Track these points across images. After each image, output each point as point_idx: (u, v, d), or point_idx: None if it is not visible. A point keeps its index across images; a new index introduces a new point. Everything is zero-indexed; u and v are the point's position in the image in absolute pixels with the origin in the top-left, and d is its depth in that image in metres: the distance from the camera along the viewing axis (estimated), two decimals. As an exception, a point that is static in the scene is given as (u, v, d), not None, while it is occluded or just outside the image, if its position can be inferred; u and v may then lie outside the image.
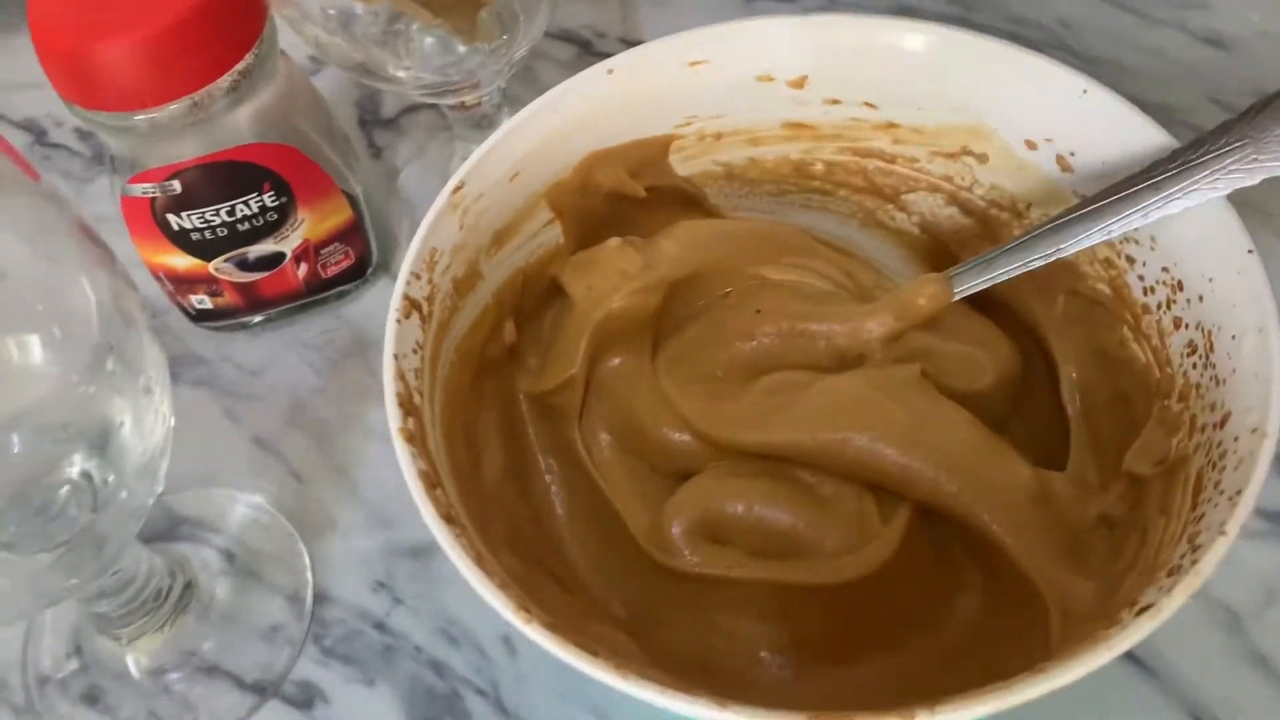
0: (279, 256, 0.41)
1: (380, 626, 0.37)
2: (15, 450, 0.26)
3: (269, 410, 0.42)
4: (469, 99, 0.42)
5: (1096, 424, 0.32)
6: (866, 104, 0.34)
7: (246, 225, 0.39)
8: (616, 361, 0.33)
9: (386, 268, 0.45)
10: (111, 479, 0.27)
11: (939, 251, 0.36)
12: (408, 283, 0.29)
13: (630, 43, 0.51)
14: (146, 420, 0.28)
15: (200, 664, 0.36)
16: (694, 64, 0.34)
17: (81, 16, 0.33)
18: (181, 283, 0.41)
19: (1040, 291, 0.33)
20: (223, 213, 0.38)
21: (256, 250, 0.40)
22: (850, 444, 0.31)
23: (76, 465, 0.27)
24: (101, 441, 0.27)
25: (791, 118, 0.35)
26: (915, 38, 0.32)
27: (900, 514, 0.31)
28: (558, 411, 0.34)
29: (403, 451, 0.26)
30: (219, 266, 0.40)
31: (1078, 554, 0.29)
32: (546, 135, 0.33)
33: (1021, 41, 0.32)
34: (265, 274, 0.41)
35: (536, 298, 0.35)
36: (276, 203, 0.39)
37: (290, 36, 0.39)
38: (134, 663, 0.36)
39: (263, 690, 0.36)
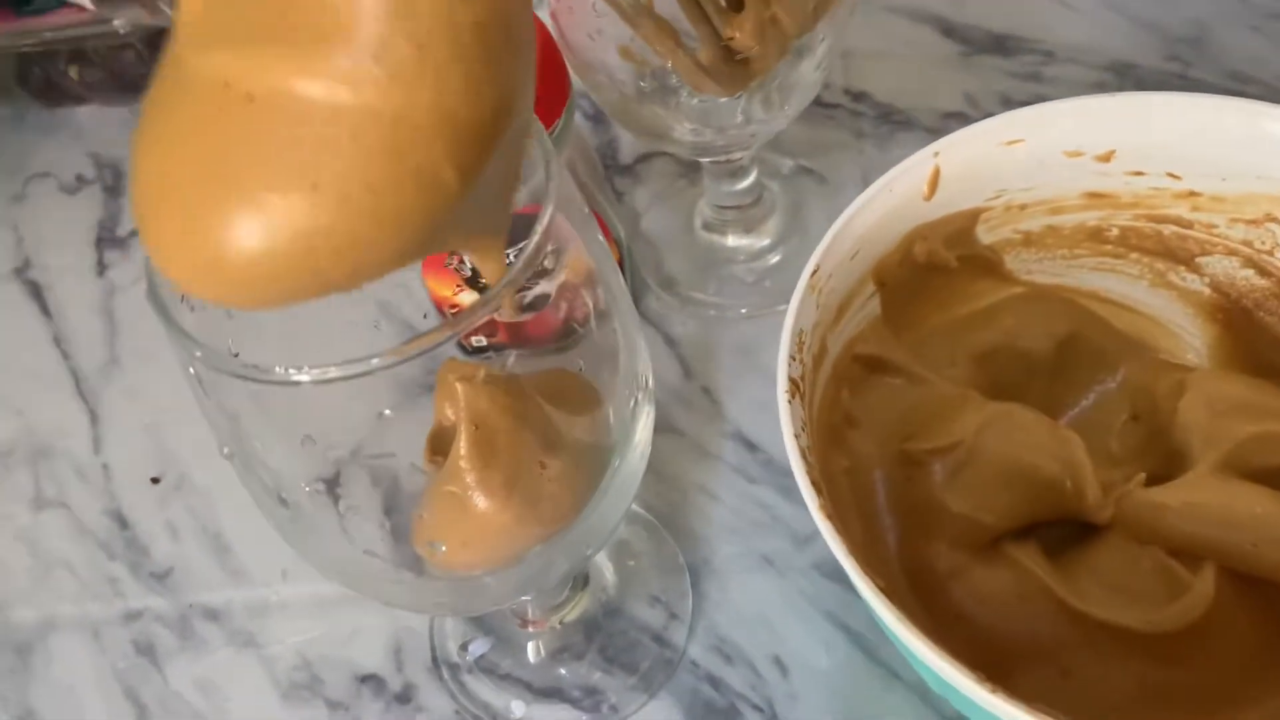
0: (546, 298, 0.43)
1: (658, 639, 0.39)
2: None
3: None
4: (735, 155, 0.44)
5: None
6: (1170, 174, 0.36)
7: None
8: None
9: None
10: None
11: (1230, 309, 0.38)
12: (788, 364, 0.31)
13: (852, 92, 0.53)
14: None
15: (593, 655, 0.39)
16: (1010, 143, 0.35)
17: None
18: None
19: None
20: (510, 255, 0.40)
21: (532, 292, 0.42)
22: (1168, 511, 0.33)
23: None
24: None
25: (1093, 188, 0.37)
26: (1232, 116, 0.34)
27: (1206, 568, 0.33)
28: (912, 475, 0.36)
29: (827, 530, 0.28)
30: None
31: None
32: (882, 215, 0.35)
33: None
34: (534, 314, 0.43)
35: (862, 367, 0.37)
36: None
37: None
38: (534, 649, 0.39)
39: (650, 684, 0.38)
